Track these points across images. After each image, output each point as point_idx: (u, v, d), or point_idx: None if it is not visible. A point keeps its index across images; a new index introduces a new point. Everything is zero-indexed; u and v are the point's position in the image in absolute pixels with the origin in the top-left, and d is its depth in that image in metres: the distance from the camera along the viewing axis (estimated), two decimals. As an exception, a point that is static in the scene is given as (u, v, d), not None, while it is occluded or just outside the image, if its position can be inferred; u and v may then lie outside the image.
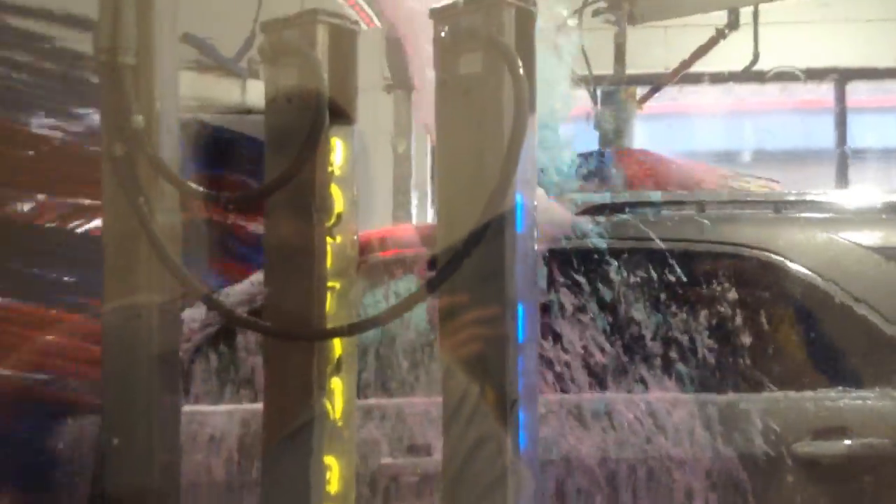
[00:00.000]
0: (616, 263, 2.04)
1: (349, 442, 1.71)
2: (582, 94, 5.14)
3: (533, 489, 1.55)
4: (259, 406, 1.70)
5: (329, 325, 1.64)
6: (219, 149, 4.04)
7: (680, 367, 1.98)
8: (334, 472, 1.67)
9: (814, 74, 5.82)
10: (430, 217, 5.36)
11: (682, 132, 6.27)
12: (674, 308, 2.02)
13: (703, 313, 2.02)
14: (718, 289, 2.02)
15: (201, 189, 1.64)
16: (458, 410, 1.48)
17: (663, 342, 2.00)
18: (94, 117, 2.21)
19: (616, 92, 4.89)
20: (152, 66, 1.70)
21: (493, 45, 1.45)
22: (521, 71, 1.40)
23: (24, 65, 2.58)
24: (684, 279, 2.03)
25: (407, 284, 2.10)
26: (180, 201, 1.71)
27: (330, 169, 1.67)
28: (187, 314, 2.02)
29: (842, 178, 5.76)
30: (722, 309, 2.02)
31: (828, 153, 5.97)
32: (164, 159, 1.68)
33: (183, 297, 1.69)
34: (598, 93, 4.98)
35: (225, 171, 3.71)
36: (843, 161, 5.82)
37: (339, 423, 1.68)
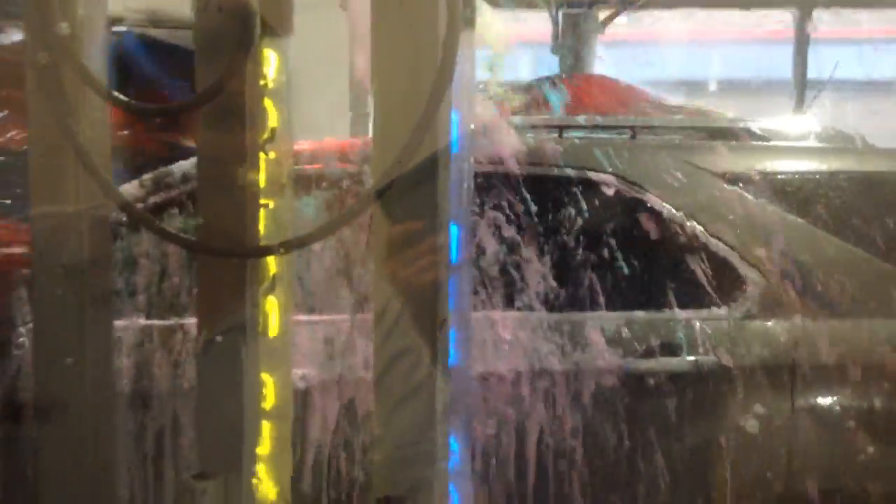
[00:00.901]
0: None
1: (285, 359, 1.71)
2: (543, 18, 5.06)
3: (466, 408, 1.58)
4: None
5: (263, 243, 1.62)
6: (164, 63, 3.90)
7: (524, 286, 2.04)
8: (270, 389, 1.68)
9: (779, 2, 5.77)
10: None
11: (645, 60, 6.21)
12: (524, 230, 2.07)
13: (551, 235, 2.07)
14: (567, 212, 2.08)
15: (127, 99, 1.58)
16: (389, 330, 1.48)
17: (506, 264, 2.06)
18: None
19: (577, 16, 4.81)
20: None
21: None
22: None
23: None
24: (534, 203, 2.07)
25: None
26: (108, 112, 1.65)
27: (263, 82, 1.62)
28: None
29: (799, 109, 5.78)
30: (568, 231, 2.07)
31: (790, 84, 5.97)
32: (89, 68, 1.62)
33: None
34: (560, 16, 4.90)
35: (169, 85, 3.60)
36: (801, 91, 5.83)
37: (275, 341, 1.68)
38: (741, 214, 2.07)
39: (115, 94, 1.59)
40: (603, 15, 5.42)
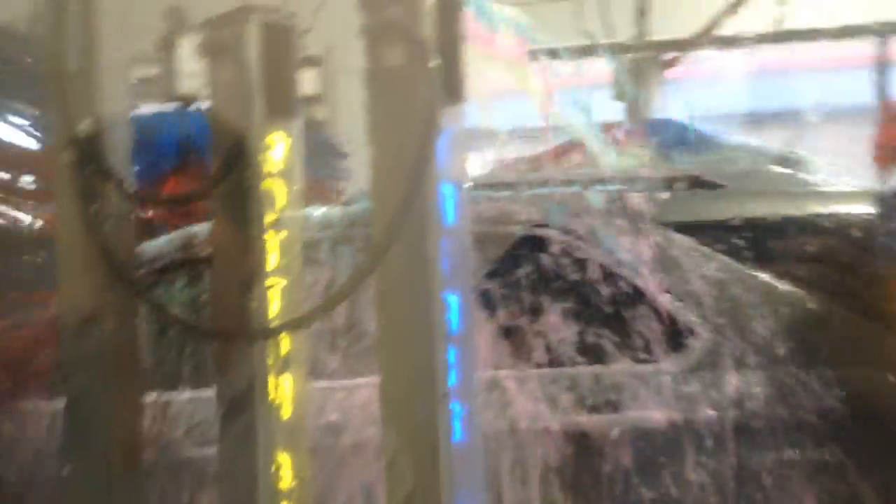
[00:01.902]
0: None
1: (302, 436, 1.72)
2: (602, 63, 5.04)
3: (477, 478, 1.55)
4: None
5: (276, 322, 1.65)
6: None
7: None
8: (286, 467, 1.69)
9: (849, 31, 5.55)
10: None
11: (708, 96, 6.07)
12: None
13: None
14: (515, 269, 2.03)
15: (140, 193, 1.66)
16: (394, 401, 1.48)
17: None
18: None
19: (639, 60, 4.77)
20: (96, 70, 1.72)
21: (409, 37, 1.43)
22: (433, 61, 1.38)
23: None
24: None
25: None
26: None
27: (269, 167, 1.67)
28: None
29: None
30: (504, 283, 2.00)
31: (865, 112, 5.69)
32: (110, 163, 1.71)
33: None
34: (619, 62, 4.88)
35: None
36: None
37: (291, 420, 1.69)
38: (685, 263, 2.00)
39: (131, 187, 1.68)
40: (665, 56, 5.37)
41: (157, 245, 2.23)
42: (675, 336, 1.96)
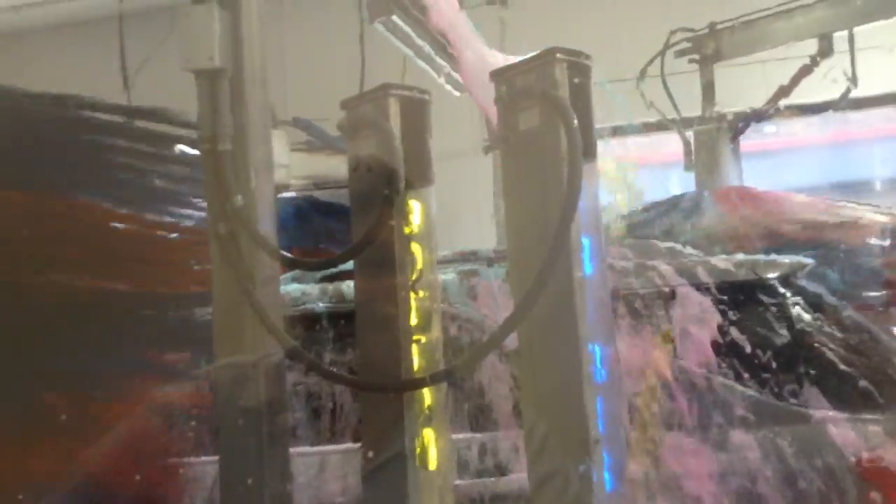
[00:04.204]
0: None
1: (446, 491, 1.77)
2: (674, 138, 5.15)
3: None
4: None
5: (417, 377, 1.73)
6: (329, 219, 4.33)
7: None
8: (432, 519, 1.73)
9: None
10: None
11: (784, 168, 6.08)
12: None
13: None
14: None
15: (293, 257, 1.78)
16: (540, 449, 1.52)
17: None
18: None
19: (706, 131, 4.87)
20: (247, 150, 1.88)
21: (546, 100, 1.54)
22: (574, 121, 1.48)
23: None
24: None
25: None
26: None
27: (409, 230, 1.78)
28: None
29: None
30: None
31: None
32: (262, 233, 1.84)
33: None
34: (690, 135, 4.98)
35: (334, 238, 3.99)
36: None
37: (435, 473, 1.74)
38: None
39: (285, 254, 1.80)
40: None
41: (302, 291, 2.33)
42: None
